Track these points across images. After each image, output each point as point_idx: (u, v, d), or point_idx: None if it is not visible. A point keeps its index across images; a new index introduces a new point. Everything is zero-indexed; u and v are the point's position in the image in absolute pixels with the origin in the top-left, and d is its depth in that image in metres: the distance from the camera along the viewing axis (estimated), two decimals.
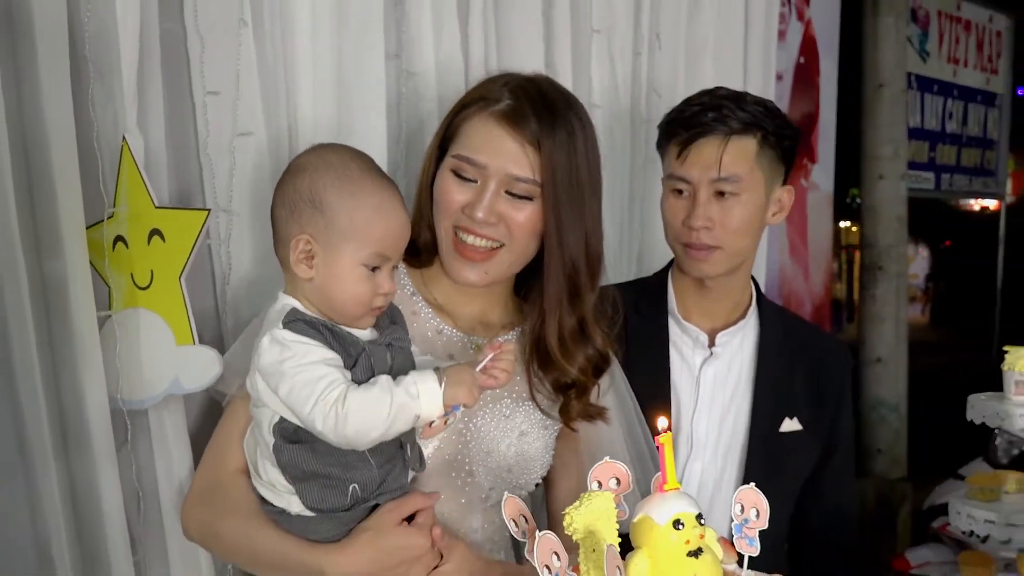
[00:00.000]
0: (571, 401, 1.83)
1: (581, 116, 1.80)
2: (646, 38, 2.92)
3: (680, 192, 2.13)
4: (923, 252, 17.79)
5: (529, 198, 1.73)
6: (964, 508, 2.21)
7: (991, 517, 2.16)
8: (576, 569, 1.25)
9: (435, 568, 1.64)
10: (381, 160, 2.14)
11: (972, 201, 12.52)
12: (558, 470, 1.83)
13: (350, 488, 1.59)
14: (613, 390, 1.90)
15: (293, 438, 1.56)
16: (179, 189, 2.00)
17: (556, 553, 1.22)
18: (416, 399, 1.55)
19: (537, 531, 1.25)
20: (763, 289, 2.55)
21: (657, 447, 1.33)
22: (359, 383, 1.57)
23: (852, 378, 2.59)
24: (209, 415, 2.02)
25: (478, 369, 1.62)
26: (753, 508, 1.37)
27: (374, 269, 1.61)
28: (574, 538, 1.24)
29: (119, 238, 1.85)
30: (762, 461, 2.19)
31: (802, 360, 2.28)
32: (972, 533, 2.20)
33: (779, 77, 4.10)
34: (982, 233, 7.83)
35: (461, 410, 1.62)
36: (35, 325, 1.74)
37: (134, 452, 1.90)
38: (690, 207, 2.12)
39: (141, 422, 1.91)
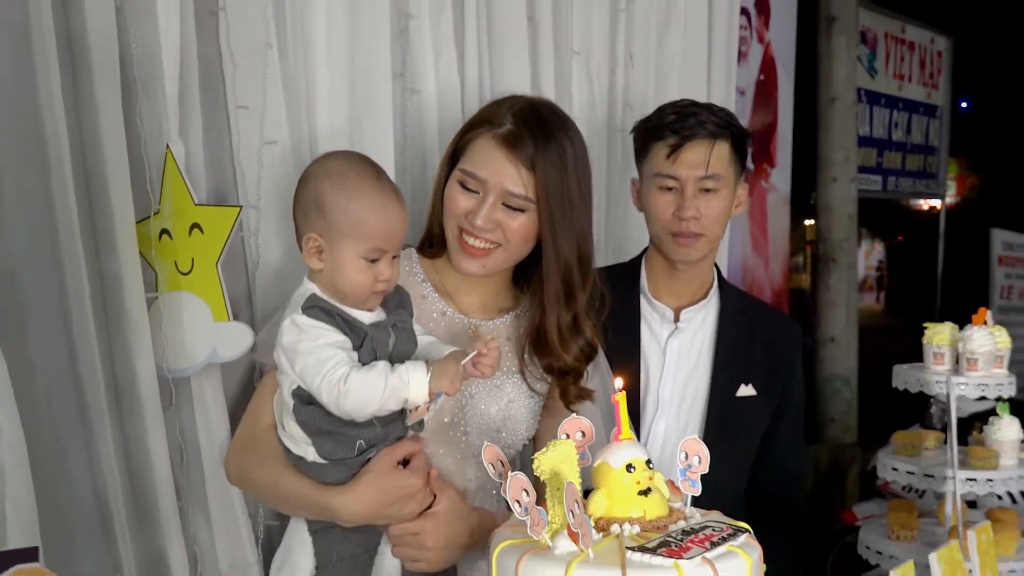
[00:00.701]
0: (568, 386, 1.84)
1: (573, 138, 1.80)
2: (620, 58, 2.91)
3: (668, 188, 2.13)
4: (878, 247, 17.74)
5: (523, 210, 1.74)
6: (889, 461, 2.25)
7: (911, 469, 2.20)
8: (543, 504, 1.25)
9: (428, 508, 1.65)
10: (389, 165, 2.17)
11: (921, 201, 12.52)
12: (544, 439, 1.83)
13: (357, 443, 1.62)
14: (597, 374, 1.91)
15: (309, 400, 1.59)
16: (215, 189, 2.00)
17: (526, 490, 1.23)
18: (407, 385, 1.58)
19: (510, 472, 1.26)
20: (728, 277, 2.56)
21: (614, 403, 1.36)
22: (364, 363, 1.59)
23: (809, 355, 2.60)
24: (243, 383, 2.02)
25: (465, 361, 1.62)
26: (696, 456, 1.38)
27: (373, 260, 1.62)
28: (541, 479, 1.25)
29: (164, 231, 1.87)
30: (719, 421, 2.19)
31: (757, 334, 2.28)
32: (895, 482, 2.24)
33: (742, 92, 4.09)
34: (928, 230, 7.80)
35: (444, 397, 1.64)
36: (92, 306, 1.75)
37: (178, 413, 1.91)
38: (679, 201, 2.12)
39: (184, 388, 1.92)
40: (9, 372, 1.58)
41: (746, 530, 1.31)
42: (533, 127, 1.74)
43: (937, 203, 6.96)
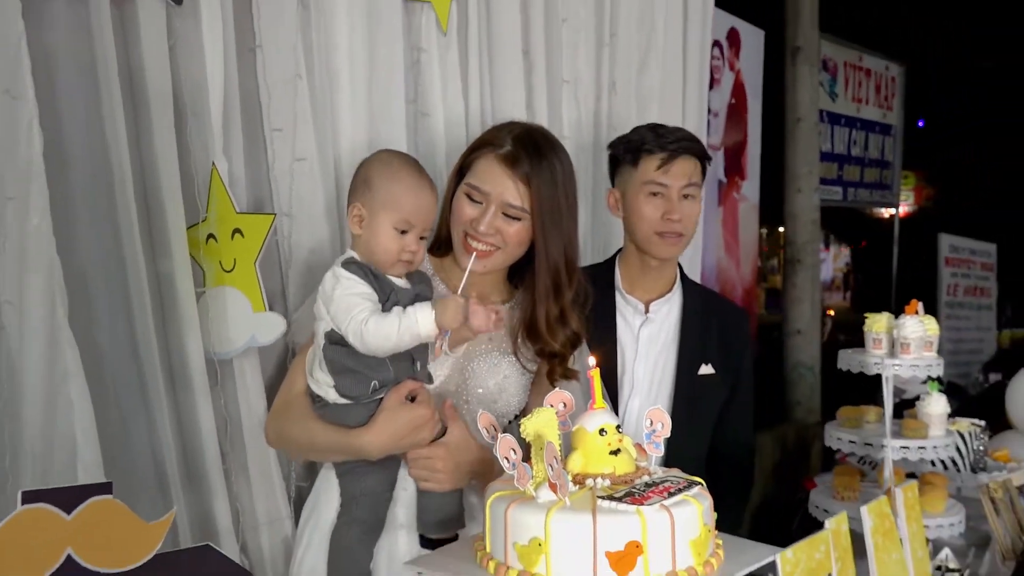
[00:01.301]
0: (555, 367, 1.86)
1: (563, 159, 1.83)
2: (605, 86, 2.91)
3: (656, 195, 2.18)
4: (844, 251, 17.58)
5: (519, 218, 1.77)
6: (835, 432, 2.28)
7: (853, 439, 2.23)
8: (529, 461, 1.28)
9: (439, 438, 1.68)
10: None
11: (883, 209, 12.47)
12: (531, 408, 1.81)
13: (372, 383, 1.65)
14: (581, 359, 1.92)
15: (337, 341, 1.64)
16: (253, 199, 2.02)
17: (513, 449, 1.26)
18: (416, 323, 1.61)
19: (500, 435, 1.29)
20: (703, 278, 2.60)
21: (589, 378, 1.39)
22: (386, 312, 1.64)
23: (778, 345, 2.61)
24: (278, 364, 2.03)
25: (463, 303, 1.65)
26: (660, 422, 1.41)
27: (403, 232, 1.67)
28: (527, 440, 1.28)
29: (210, 235, 1.89)
30: (685, 397, 2.24)
31: (713, 320, 2.32)
32: (840, 451, 2.28)
33: (715, 114, 4.16)
34: (887, 236, 7.77)
35: (450, 335, 1.67)
36: (151, 300, 1.78)
37: (223, 391, 1.92)
38: (666, 206, 2.17)
39: (227, 368, 1.93)
40: (81, 356, 1.62)
41: (699, 483, 1.33)
42: (529, 149, 1.78)
43: (891, 212, 6.95)
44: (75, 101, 1.69)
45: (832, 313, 8.84)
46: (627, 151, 2.21)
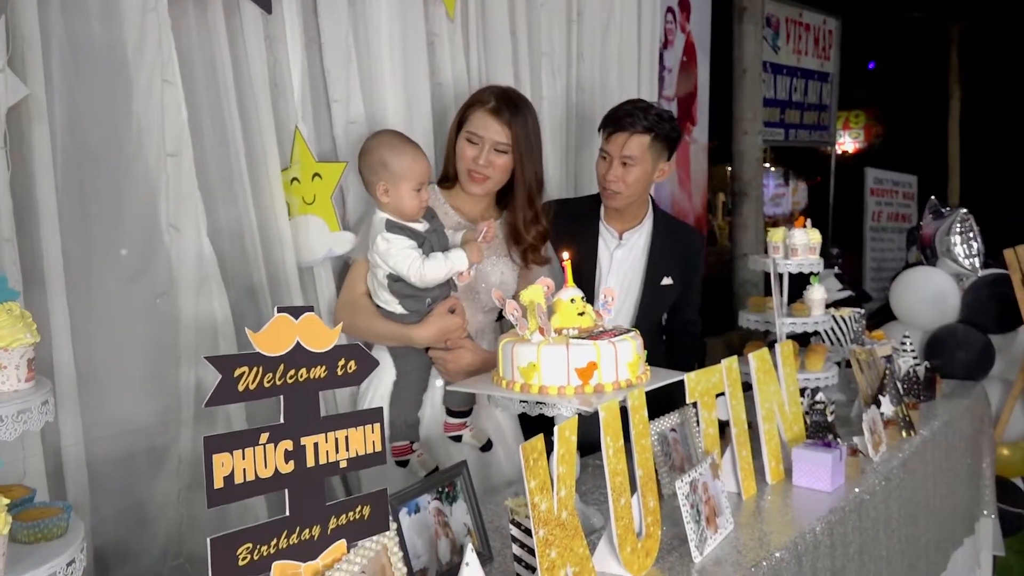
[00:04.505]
0: (528, 254, 2.30)
1: (531, 110, 2.25)
2: (574, 56, 3.20)
3: (604, 157, 2.49)
4: (802, 185, 17.95)
5: (505, 152, 2.22)
6: (745, 315, 2.76)
7: (757, 319, 2.71)
8: (525, 318, 1.72)
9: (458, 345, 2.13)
10: (428, 131, 2.54)
11: (837, 147, 12.82)
12: (523, 287, 2.08)
13: (427, 300, 2.12)
14: (547, 249, 2.33)
15: (397, 279, 2.08)
16: (321, 151, 2.32)
17: (516, 309, 1.72)
18: (454, 263, 2.06)
19: (507, 300, 1.75)
20: (662, 206, 2.90)
21: (562, 267, 1.84)
22: (427, 255, 2.05)
23: (729, 267, 2.93)
24: (341, 269, 2.33)
25: (479, 239, 2.10)
26: (609, 296, 1.89)
27: (417, 190, 2.05)
28: (524, 303, 1.73)
29: (294, 178, 2.24)
30: (648, 300, 2.62)
31: (677, 242, 2.66)
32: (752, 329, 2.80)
33: (669, 70, 4.48)
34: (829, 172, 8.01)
35: (475, 267, 2.13)
36: (257, 225, 2.15)
37: (308, 286, 2.30)
38: (608, 167, 2.47)
39: (309, 273, 2.30)
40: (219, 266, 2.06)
41: (633, 331, 1.82)
42: (508, 103, 2.23)
43: (828, 149, 7.27)
44: (199, 94, 2.07)
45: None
46: (601, 121, 2.52)
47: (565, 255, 1.88)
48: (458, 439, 2.24)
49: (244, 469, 1.22)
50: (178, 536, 2.05)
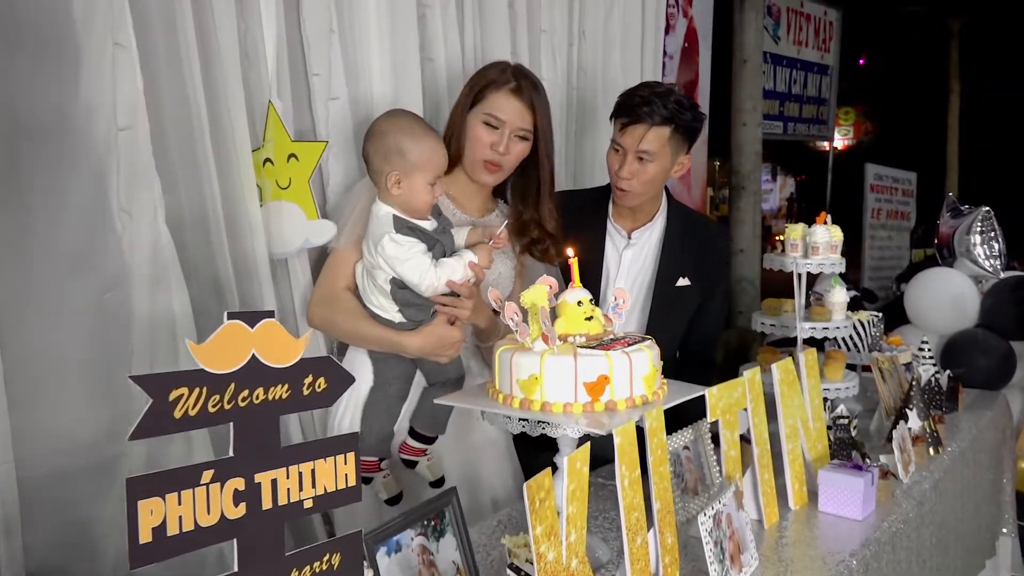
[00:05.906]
0: (549, 248, 2.13)
1: (544, 90, 2.10)
2: (576, 34, 3.03)
3: (617, 151, 2.26)
4: (790, 180, 17.96)
5: (526, 139, 2.05)
6: (758, 318, 2.55)
7: (773, 322, 2.48)
8: (526, 323, 1.54)
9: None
10: (418, 109, 2.33)
11: (825, 144, 12.73)
12: (523, 287, 1.98)
13: (432, 310, 1.92)
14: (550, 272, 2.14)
15: (402, 286, 1.89)
16: (299, 130, 2.15)
17: (516, 312, 1.52)
18: (464, 265, 1.88)
19: (505, 302, 1.53)
20: None
21: (568, 266, 1.66)
22: (436, 258, 1.86)
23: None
24: (318, 261, 2.15)
25: (491, 242, 1.93)
26: (621, 299, 1.68)
27: (432, 185, 1.87)
28: (525, 306, 1.53)
29: (267, 160, 2.03)
30: (663, 303, 2.38)
31: (693, 237, 2.42)
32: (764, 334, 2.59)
33: (671, 57, 4.26)
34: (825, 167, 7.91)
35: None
36: (223, 211, 1.95)
37: (281, 280, 2.12)
38: (622, 162, 2.24)
39: (282, 265, 2.12)
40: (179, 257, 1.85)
41: (648, 339, 1.61)
42: (529, 83, 2.05)
43: (826, 144, 7.12)
44: (159, 70, 1.86)
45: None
46: (614, 108, 2.29)
47: (570, 252, 1.68)
48: (412, 465, 2.02)
49: (180, 517, 0.97)
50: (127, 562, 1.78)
